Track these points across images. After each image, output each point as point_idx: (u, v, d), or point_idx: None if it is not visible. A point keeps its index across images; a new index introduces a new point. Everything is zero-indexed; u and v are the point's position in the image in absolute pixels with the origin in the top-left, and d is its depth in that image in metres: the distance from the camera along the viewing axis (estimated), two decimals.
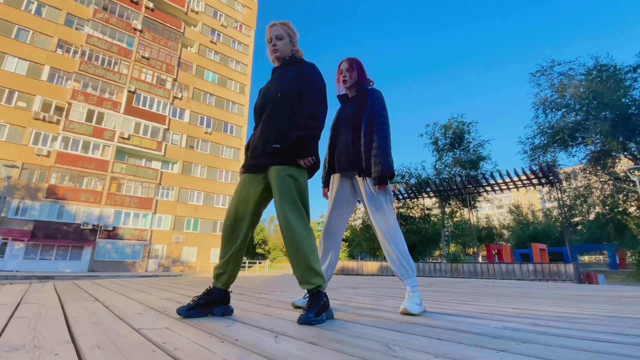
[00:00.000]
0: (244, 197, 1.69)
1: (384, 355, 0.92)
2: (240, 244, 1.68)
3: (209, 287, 1.66)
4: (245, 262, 30.85)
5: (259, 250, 51.55)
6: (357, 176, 2.00)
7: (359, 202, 2.16)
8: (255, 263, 32.93)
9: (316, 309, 1.48)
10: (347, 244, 35.30)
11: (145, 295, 2.55)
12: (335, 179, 2.12)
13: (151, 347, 0.97)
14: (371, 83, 2.19)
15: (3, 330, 1.21)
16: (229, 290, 1.69)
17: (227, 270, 1.66)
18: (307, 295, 1.58)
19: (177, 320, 1.48)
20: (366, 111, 2.02)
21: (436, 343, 1.09)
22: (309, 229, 1.63)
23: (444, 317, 1.68)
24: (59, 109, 25.12)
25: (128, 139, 26.93)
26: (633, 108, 17.84)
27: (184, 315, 1.54)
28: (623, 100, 17.62)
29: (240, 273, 27.32)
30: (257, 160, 1.70)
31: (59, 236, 23.47)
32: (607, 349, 1.03)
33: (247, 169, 1.75)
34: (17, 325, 1.30)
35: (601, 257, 44.09)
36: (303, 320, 1.42)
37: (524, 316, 1.77)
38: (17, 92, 23.71)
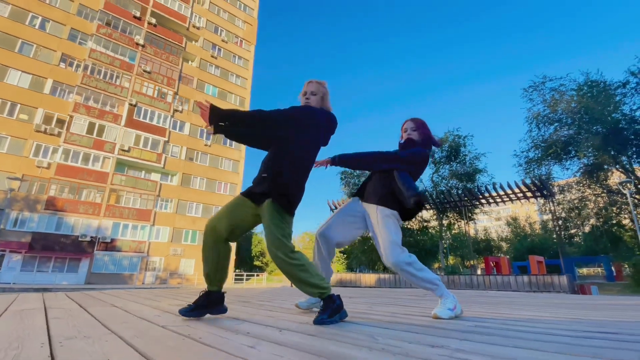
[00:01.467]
0: (235, 216, 1.86)
1: (368, 343, 1.15)
2: (226, 255, 1.86)
3: (206, 289, 1.84)
4: (243, 275, 30.75)
5: (256, 263, 51.28)
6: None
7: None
8: (253, 275, 32.80)
9: (329, 311, 1.67)
10: (345, 256, 35.32)
11: (156, 303, 2.76)
12: None
13: (181, 337, 1.20)
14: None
15: (48, 327, 1.43)
16: (223, 291, 1.88)
17: (217, 276, 1.83)
18: (322, 300, 1.78)
19: (193, 320, 1.70)
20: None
21: (413, 335, 1.32)
22: (291, 251, 1.76)
23: (427, 319, 1.90)
24: (60, 122, 25.44)
25: (128, 151, 27.20)
26: (623, 122, 18.32)
27: (187, 315, 1.72)
28: (613, 115, 18.12)
29: (239, 285, 27.21)
30: (255, 187, 1.87)
31: (56, 248, 23.45)
32: (553, 339, 1.27)
33: (247, 194, 1.89)
34: (58, 324, 1.52)
35: (599, 269, 44.14)
36: (317, 321, 1.61)
37: (497, 318, 2.00)
38: (19, 105, 24.05)
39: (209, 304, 1.79)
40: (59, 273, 23.50)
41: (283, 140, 1.89)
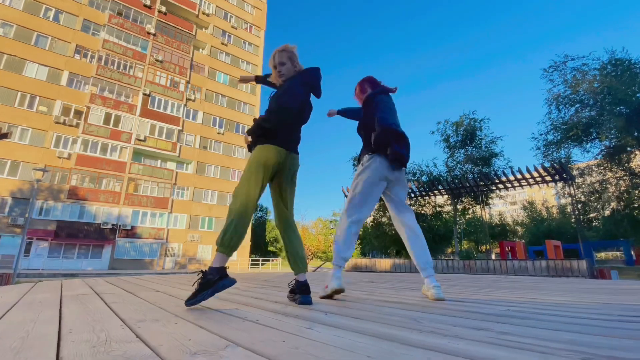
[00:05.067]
0: None
1: (416, 325, 1.23)
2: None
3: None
4: (258, 260, 31.44)
5: (270, 249, 52.17)
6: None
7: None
8: (268, 260, 33.49)
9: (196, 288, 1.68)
10: (359, 241, 35.60)
11: (192, 288, 2.91)
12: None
13: (239, 319, 1.31)
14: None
15: (114, 311, 1.56)
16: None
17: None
18: None
19: (239, 304, 1.82)
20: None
21: (452, 319, 1.40)
22: None
23: (458, 303, 1.98)
24: (78, 113, 26.03)
25: (144, 140, 27.72)
26: None
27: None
28: (638, 95, 17.40)
29: (256, 270, 27.88)
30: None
31: (80, 235, 24.40)
32: (588, 322, 1.33)
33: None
34: (121, 308, 1.66)
35: (618, 253, 43.34)
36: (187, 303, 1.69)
37: (527, 302, 2.06)
38: (38, 97, 24.66)
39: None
40: (84, 259, 24.54)
41: None
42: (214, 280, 1.68)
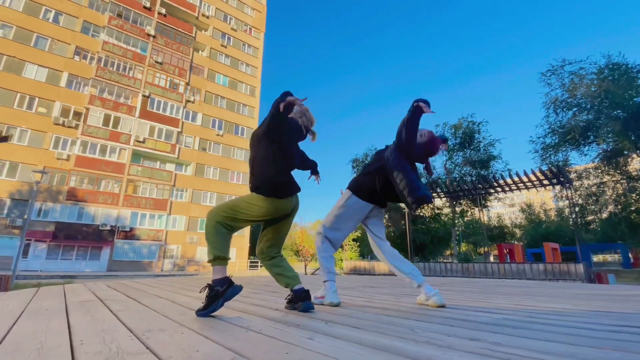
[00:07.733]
0: None
1: (412, 335, 1.28)
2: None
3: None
4: (257, 262, 31.40)
5: None
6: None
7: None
8: None
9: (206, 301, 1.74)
10: (357, 244, 35.67)
11: (195, 293, 2.96)
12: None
13: (243, 329, 1.36)
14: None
15: (121, 320, 1.61)
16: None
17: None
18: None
19: (241, 312, 1.87)
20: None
21: (448, 328, 1.45)
22: None
23: (454, 311, 2.03)
24: (77, 114, 26.03)
25: (143, 142, 27.73)
26: None
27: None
28: (635, 99, 17.56)
29: (254, 272, 27.89)
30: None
31: (79, 237, 24.37)
32: (580, 333, 1.38)
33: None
34: (126, 316, 1.70)
35: (616, 256, 43.44)
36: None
37: (522, 310, 2.11)
38: (37, 99, 24.66)
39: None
40: (82, 261, 24.50)
41: None
42: (222, 291, 1.75)
